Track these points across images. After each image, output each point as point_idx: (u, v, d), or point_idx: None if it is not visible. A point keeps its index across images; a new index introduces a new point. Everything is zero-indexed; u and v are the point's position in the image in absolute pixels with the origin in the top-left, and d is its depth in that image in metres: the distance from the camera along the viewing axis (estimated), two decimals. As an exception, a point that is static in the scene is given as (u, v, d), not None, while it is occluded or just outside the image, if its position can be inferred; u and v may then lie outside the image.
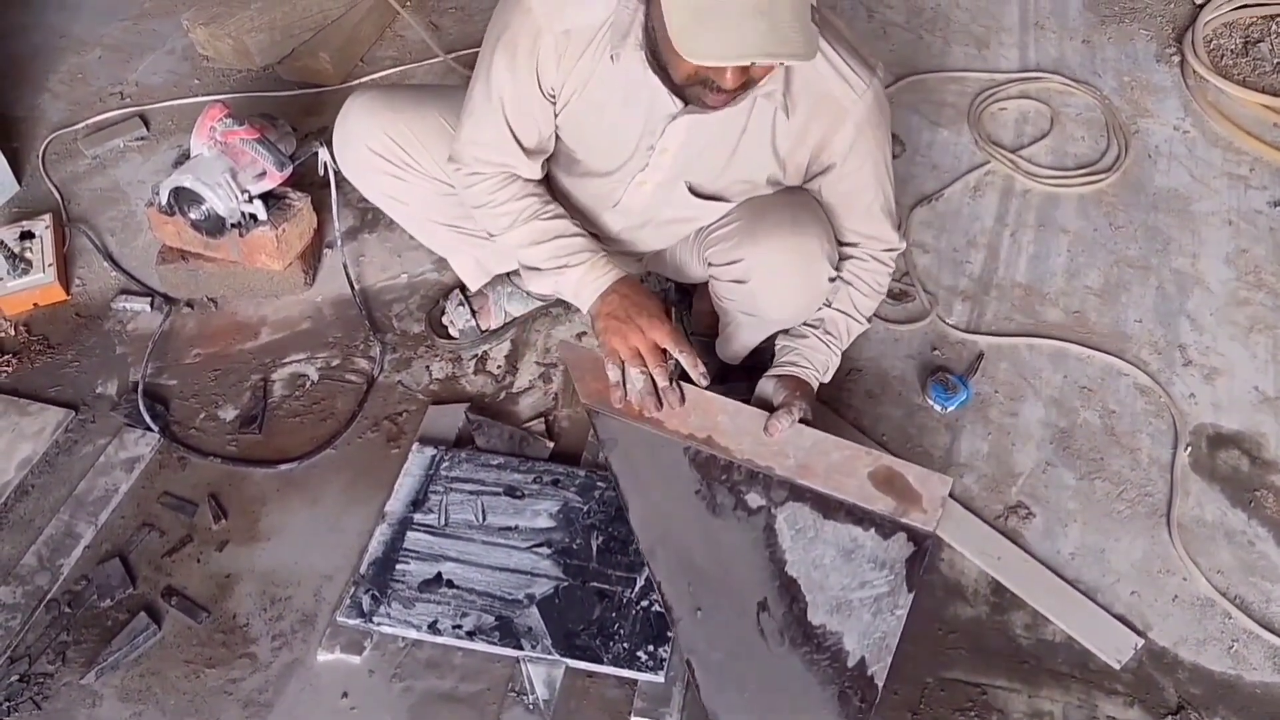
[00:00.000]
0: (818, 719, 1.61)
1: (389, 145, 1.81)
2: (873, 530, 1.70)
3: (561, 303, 2.21)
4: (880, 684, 1.62)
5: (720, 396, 1.78)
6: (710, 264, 1.82)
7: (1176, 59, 2.82)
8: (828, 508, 1.71)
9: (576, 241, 1.73)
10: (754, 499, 1.73)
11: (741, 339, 1.95)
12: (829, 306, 1.79)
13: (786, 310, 1.79)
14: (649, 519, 1.77)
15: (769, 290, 1.74)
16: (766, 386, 1.78)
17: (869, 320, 1.84)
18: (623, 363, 1.71)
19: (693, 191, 1.73)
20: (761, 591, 1.69)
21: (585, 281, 1.72)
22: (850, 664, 1.64)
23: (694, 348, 1.70)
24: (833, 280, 1.75)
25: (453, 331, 2.15)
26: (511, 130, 1.67)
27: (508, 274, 2.12)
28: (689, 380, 1.72)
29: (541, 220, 1.73)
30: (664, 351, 1.69)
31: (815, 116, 1.60)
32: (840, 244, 1.75)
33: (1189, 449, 2.01)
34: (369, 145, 1.82)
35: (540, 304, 2.18)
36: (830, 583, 1.68)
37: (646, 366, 1.70)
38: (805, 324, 1.82)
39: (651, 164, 1.69)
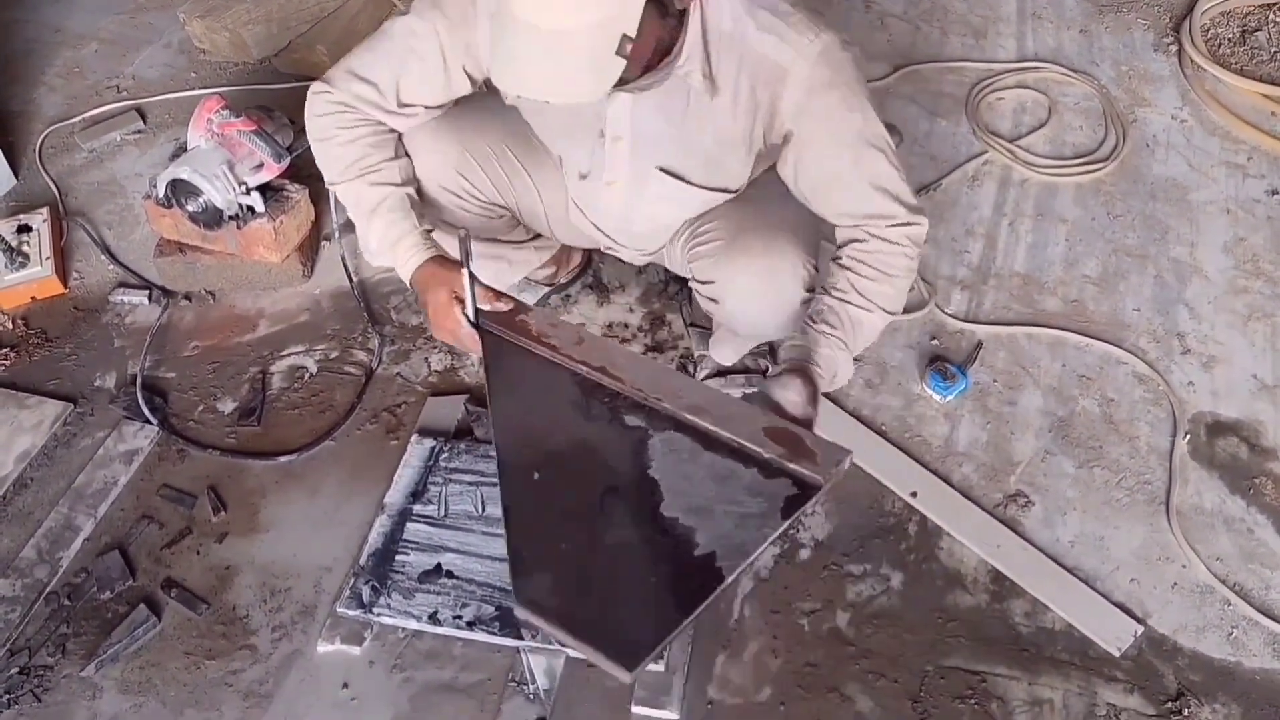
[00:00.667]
0: (640, 587, 1.44)
1: (459, 180, 1.79)
2: (755, 470, 1.49)
3: (561, 294, 2.21)
4: (728, 579, 1.39)
5: (622, 346, 1.75)
6: (693, 277, 1.83)
7: (1174, 48, 2.82)
8: (710, 442, 1.52)
9: (392, 217, 1.68)
10: (632, 420, 1.56)
11: (734, 344, 1.96)
12: (826, 294, 1.62)
13: (759, 330, 1.80)
14: (512, 415, 1.60)
15: (740, 312, 1.75)
16: (773, 392, 1.56)
17: (891, 310, 1.63)
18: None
19: (667, 173, 1.69)
20: (614, 480, 1.52)
21: (399, 262, 1.70)
22: (696, 554, 1.42)
23: (471, 337, 1.64)
24: (805, 302, 1.68)
25: None
26: (399, 85, 1.64)
27: None
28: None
29: (368, 185, 1.68)
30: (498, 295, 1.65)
31: (757, 83, 1.54)
32: (838, 231, 1.64)
33: (1187, 437, 2.01)
34: (442, 184, 1.78)
35: (545, 291, 2.20)
36: (695, 491, 1.48)
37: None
38: (807, 318, 1.64)
39: (609, 156, 1.69)
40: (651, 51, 1.45)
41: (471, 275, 1.60)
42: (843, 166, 1.58)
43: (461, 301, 1.62)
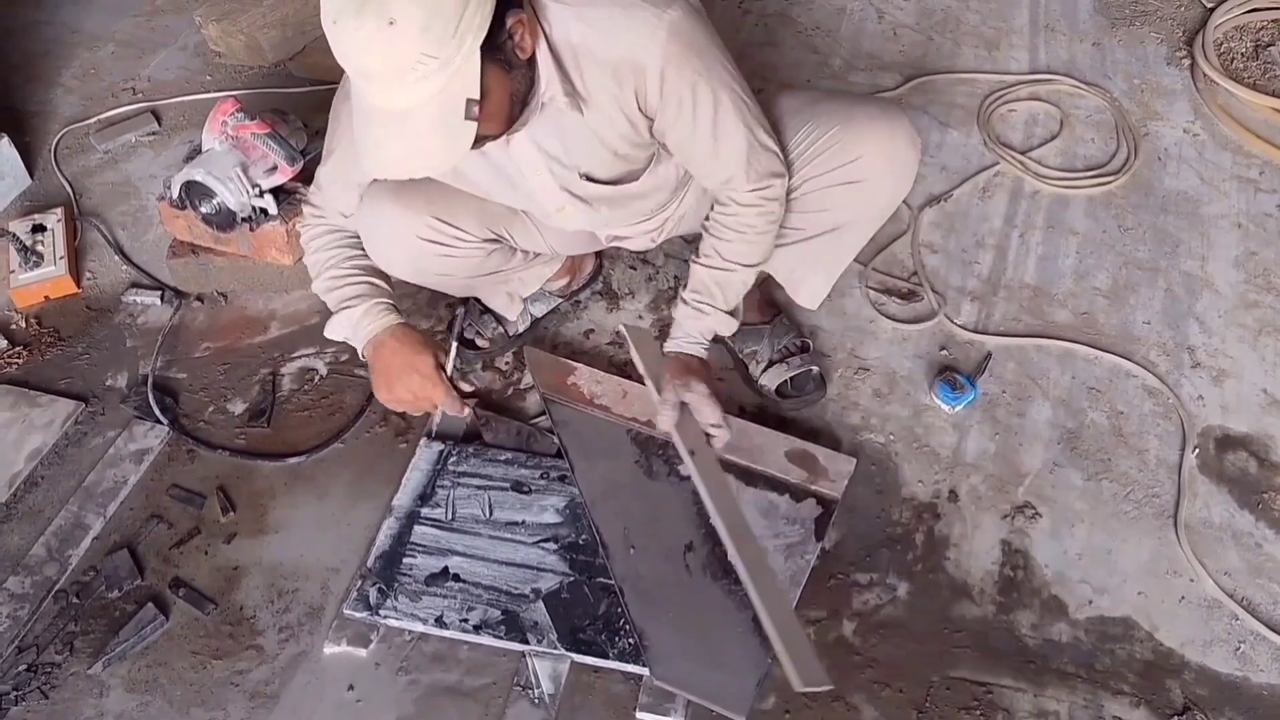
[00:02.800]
0: (733, 636, 1.71)
1: (437, 225, 1.79)
2: (787, 495, 1.88)
3: (570, 301, 2.22)
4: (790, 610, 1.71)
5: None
6: (830, 169, 1.76)
7: (1187, 62, 2.82)
8: (749, 477, 1.90)
9: (354, 288, 1.81)
10: (685, 469, 1.82)
11: (814, 276, 1.93)
12: (696, 262, 1.78)
13: (897, 193, 1.81)
14: (592, 479, 1.90)
15: (883, 175, 1.75)
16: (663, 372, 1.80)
17: (752, 264, 1.77)
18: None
19: (590, 179, 1.71)
20: (688, 536, 1.83)
21: (360, 325, 1.80)
22: None
23: (457, 401, 1.85)
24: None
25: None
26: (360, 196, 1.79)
27: None
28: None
29: (338, 267, 1.82)
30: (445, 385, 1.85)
31: (623, 83, 1.54)
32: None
33: (1196, 451, 2.01)
34: (419, 235, 1.78)
35: (556, 301, 2.20)
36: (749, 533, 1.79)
37: (414, 411, 1.91)
38: (681, 292, 1.81)
39: (537, 186, 1.71)
40: (509, 105, 1.48)
41: (458, 345, 1.98)
42: (702, 146, 1.64)
43: (443, 369, 1.85)
